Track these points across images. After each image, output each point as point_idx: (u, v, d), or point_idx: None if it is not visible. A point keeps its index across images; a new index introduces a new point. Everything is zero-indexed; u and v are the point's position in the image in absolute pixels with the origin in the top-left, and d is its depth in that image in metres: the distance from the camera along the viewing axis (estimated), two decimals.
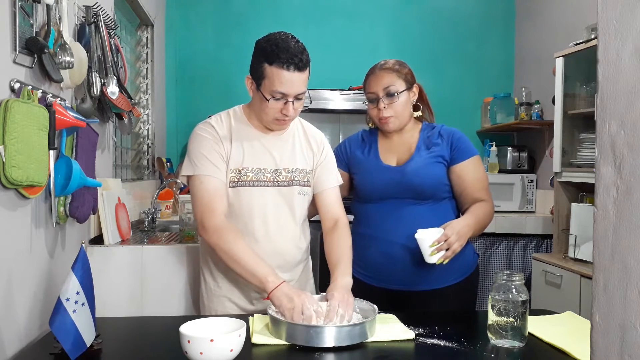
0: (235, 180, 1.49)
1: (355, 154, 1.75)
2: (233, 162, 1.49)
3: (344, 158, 1.77)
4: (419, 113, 1.73)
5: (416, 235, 1.48)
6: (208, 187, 1.46)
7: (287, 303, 1.30)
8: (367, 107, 1.71)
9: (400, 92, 1.63)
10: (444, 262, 1.48)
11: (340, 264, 1.48)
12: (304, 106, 1.49)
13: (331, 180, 1.62)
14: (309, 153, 1.60)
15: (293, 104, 1.43)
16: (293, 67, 1.38)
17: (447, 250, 1.47)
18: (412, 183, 1.62)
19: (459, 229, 1.50)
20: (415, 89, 1.69)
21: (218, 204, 1.45)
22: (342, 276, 1.44)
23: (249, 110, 1.56)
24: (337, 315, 1.31)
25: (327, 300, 1.37)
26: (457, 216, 1.70)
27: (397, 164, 1.69)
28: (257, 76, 1.43)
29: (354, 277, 1.48)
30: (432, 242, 1.46)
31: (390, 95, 1.63)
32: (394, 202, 1.65)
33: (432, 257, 1.47)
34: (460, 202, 1.70)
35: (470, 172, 1.65)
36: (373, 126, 1.78)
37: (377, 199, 1.68)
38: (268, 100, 1.42)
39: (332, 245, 1.55)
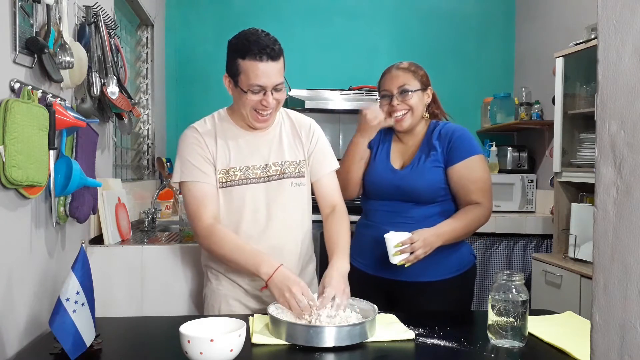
0: (224, 180, 1.50)
1: (372, 146, 1.77)
2: (220, 163, 1.50)
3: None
4: (427, 115, 1.74)
5: (385, 235, 1.53)
6: (194, 194, 1.48)
7: (280, 297, 1.33)
8: (379, 102, 1.72)
9: (415, 91, 1.66)
10: (405, 265, 1.52)
11: (337, 249, 1.50)
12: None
13: (325, 167, 1.62)
14: (297, 144, 1.59)
15: (272, 94, 1.44)
16: (266, 57, 1.39)
17: (411, 254, 1.51)
18: (407, 188, 1.65)
19: (427, 236, 1.52)
20: (429, 91, 1.72)
21: (204, 209, 1.47)
22: (339, 261, 1.46)
23: (231, 111, 1.57)
24: (331, 305, 1.33)
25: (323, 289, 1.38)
26: None
27: (402, 166, 1.72)
28: (233, 73, 1.45)
29: (351, 266, 1.50)
30: (397, 244, 1.51)
31: (404, 92, 1.65)
32: (395, 203, 1.68)
33: (395, 258, 1.52)
34: (457, 203, 1.70)
35: (463, 174, 1.63)
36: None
37: (378, 197, 1.71)
38: (246, 93, 1.43)
39: (329, 231, 1.57)
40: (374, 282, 1.65)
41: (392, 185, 1.68)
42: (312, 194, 1.64)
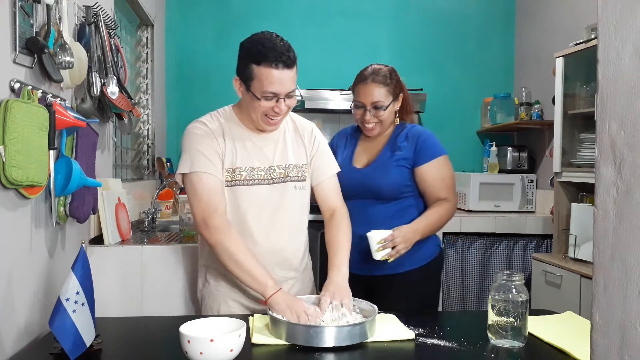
0: (230, 179, 1.49)
1: (337, 152, 1.83)
2: (227, 161, 1.49)
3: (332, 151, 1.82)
4: (398, 120, 1.80)
5: (367, 234, 1.61)
6: (207, 185, 1.45)
7: (286, 309, 1.32)
8: (353, 110, 1.78)
9: (387, 106, 1.71)
10: (389, 260, 1.60)
11: (336, 256, 1.52)
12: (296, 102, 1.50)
13: (326, 171, 1.63)
14: (300, 147, 1.59)
15: (285, 101, 1.43)
16: (282, 65, 1.37)
17: (393, 249, 1.59)
18: (371, 185, 1.72)
19: (406, 232, 1.61)
20: (400, 98, 1.76)
21: (219, 202, 1.45)
22: (338, 269, 1.49)
23: (239, 110, 1.55)
24: (331, 308, 1.34)
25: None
26: (420, 214, 1.75)
27: (366, 165, 1.78)
28: (246, 77, 1.43)
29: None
30: (379, 240, 1.59)
31: (377, 108, 1.71)
32: (360, 202, 1.73)
33: (378, 254, 1.59)
34: (425, 201, 1.78)
35: (431, 173, 1.71)
36: None
37: (345, 197, 1.73)
38: (259, 99, 1.42)
39: (330, 237, 1.58)
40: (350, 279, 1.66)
41: (357, 183, 1.73)
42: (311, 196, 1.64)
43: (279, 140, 1.56)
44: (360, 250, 1.65)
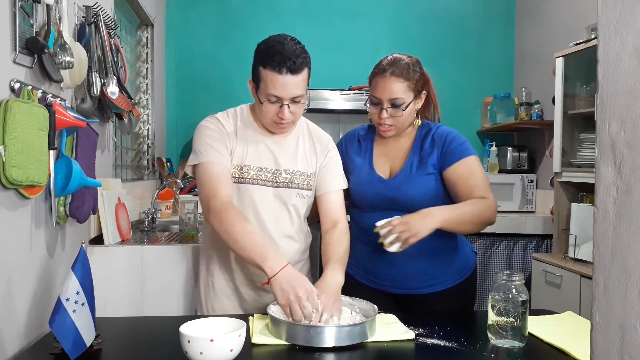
0: (237, 176, 1.50)
1: (352, 157, 1.69)
2: (236, 158, 1.50)
3: (342, 159, 1.70)
4: (419, 121, 1.65)
5: (376, 223, 1.44)
6: (212, 173, 1.45)
7: (282, 298, 1.28)
8: (368, 106, 1.60)
9: (407, 105, 1.54)
10: (397, 251, 1.40)
11: (332, 262, 1.45)
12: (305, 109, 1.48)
13: (334, 184, 1.59)
14: (312, 156, 1.58)
15: (289, 107, 1.42)
16: (286, 70, 1.36)
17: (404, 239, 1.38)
18: (401, 199, 1.56)
19: (411, 219, 1.39)
20: (422, 95, 1.60)
21: (222, 187, 1.44)
22: (332, 273, 1.41)
23: (253, 111, 1.56)
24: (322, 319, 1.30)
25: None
26: None
27: (390, 173, 1.63)
28: (255, 79, 1.44)
29: (359, 282, 1.46)
30: (376, 228, 1.42)
31: (395, 106, 1.54)
32: (385, 214, 1.51)
33: (388, 247, 1.40)
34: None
35: (461, 173, 1.54)
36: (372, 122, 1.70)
37: (368, 208, 1.62)
38: (262, 104, 1.42)
39: (327, 245, 1.52)
40: (379, 295, 1.59)
41: (383, 196, 1.57)
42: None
43: (290, 145, 1.56)
44: (399, 266, 1.56)
